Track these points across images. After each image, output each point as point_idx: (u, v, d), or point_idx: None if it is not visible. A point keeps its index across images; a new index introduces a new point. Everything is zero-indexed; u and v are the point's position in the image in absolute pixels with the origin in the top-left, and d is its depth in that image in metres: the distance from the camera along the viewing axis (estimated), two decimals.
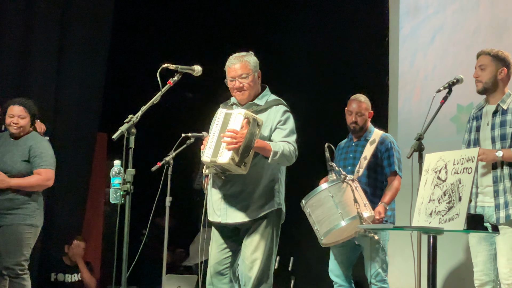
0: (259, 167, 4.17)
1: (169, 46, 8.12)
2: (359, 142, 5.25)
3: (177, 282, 6.11)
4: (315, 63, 7.61)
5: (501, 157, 4.20)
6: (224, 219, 4.22)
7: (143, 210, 6.52)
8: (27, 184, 5.30)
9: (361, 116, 5.22)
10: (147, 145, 6.05)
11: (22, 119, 5.40)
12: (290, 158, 4.17)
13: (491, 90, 4.40)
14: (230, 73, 4.26)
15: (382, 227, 4.71)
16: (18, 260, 5.24)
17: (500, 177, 4.25)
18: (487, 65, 4.39)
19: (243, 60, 4.25)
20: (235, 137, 3.96)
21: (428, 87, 6.46)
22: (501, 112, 4.33)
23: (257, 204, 4.19)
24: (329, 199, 4.56)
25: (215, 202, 4.26)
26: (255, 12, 8.11)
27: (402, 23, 6.90)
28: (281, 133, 4.20)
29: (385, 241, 5.08)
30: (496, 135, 4.31)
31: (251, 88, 4.26)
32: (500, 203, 4.23)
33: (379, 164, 5.15)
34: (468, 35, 6.29)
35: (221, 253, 4.29)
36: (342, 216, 4.52)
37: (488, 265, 4.34)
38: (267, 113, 4.25)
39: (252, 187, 4.18)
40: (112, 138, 3.76)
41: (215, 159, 4.02)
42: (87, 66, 7.66)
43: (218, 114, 4.17)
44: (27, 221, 5.28)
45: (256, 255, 4.18)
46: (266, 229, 4.20)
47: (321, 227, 4.60)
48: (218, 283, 4.28)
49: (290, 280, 6.63)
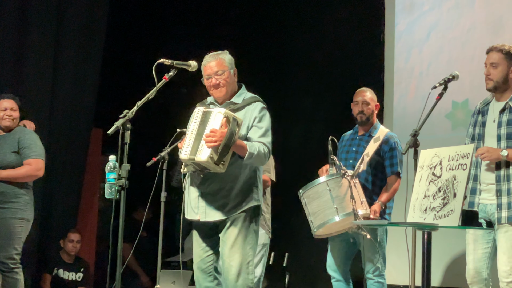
0: (237, 165, 4.17)
1: (164, 42, 8.12)
2: (363, 137, 5.22)
3: (172, 277, 6.11)
4: (310, 59, 7.61)
5: (506, 156, 4.17)
6: (203, 217, 4.21)
7: (138, 205, 6.51)
8: (17, 175, 5.31)
9: (367, 106, 5.20)
10: (142, 140, 6.05)
11: (14, 111, 5.47)
12: (264, 160, 4.21)
13: (501, 88, 4.35)
14: (206, 71, 4.28)
15: (377, 223, 4.71)
16: (10, 254, 5.24)
17: (504, 177, 4.22)
18: (499, 63, 4.33)
19: (218, 58, 4.28)
20: (214, 135, 3.97)
21: (423, 83, 6.47)
22: (509, 110, 4.29)
23: (235, 201, 4.19)
24: (326, 192, 4.57)
25: (193, 200, 4.25)
26: (251, 7, 8.10)
27: (397, 20, 6.90)
28: (257, 132, 4.22)
29: (383, 236, 5.07)
30: (502, 133, 4.27)
31: (227, 85, 4.27)
32: (502, 202, 4.20)
33: (380, 163, 5.12)
34: (463, 32, 6.30)
35: (203, 252, 4.29)
36: (337, 211, 4.52)
37: (482, 263, 4.34)
38: (244, 111, 4.26)
39: (231, 185, 4.19)
40: (107, 133, 3.76)
41: (193, 157, 4.02)
42: (82, 61, 7.65)
43: (196, 113, 4.17)
44: (18, 214, 5.29)
45: (234, 250, 4.17)
46: (244, 224, 4.20)
47: (315, 219, 4.62)
48: (203, 282, 4.29)
49: (285, 276, 6.63)
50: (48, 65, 7.27)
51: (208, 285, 4.28)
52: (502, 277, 4.23)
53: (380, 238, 5.03)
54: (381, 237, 5.04)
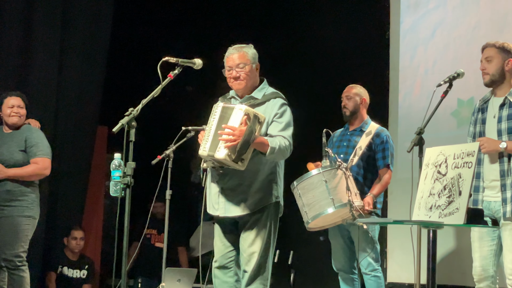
0: (257, 161, 4.17)
1: (169, 39, 8.12)
2: (354, 132, 5.27)
3: (177, 275, 6.12)
4: (315, 56, 7.60)
5: (505, 148, 4.16)
6: (223, 213, 4.22)
7: (143, 203, 6.53)
8: (24, 173, 5.33)
9: (350, 100, 5.27)
10: (147, 138, 6.06)
11: (21, 108, 5.48)
12: (286, 153, 4.20)
13: (498, 82, 4.35)
14: (228, 63, 4.28)
15: (382, 221, 4.71)
16: (17, 251, 5.26)
17: (508, 171, 4.20)
18: (493, 57, 4.35)
19: (242, 51, 4.28)
20: (233, 134, 3.96)
21: (428, 81, 6.46)
22: (509, 105, 4.28)
23: (255, 197, 4.19)
24: (322, 183, 4.51)
25: (213, 195, 4.26)
26: (255, 4, 8.10)
27: (402, 18, 6.90)
28: (278, 126, 4.21)
29: (374, 232, 5.08)
30: (503, 128, 4.26)
31: (248, 78, 4.26)
32: (507, 197, 4.19)
33: (372, 156, 5.17)
34: (468, 30, 6.29)
35: (225, 247, 4.31)
36: (333, 201, 4.46)
37: (488, 261, 4.34)
38: (265, 106, 4.26)
39: (250, 181, 4.19)
40: (113, 131, 3.76)
41: (212, 153, 4.02)
42: (88, 59, 7.65)
43: (216, 108, 4.17)
44: (25, 212, 5.31)
45: (253, 248, 4.19)
46: (264, 222, 4.21)
47: (310, 210, 4.54)
48: (223, 277, 4.30)
49: (289, 274, 6.63)
50: (53, 63, 7.28)
51: (227, 280, 4.29)
52: (508, 274, 4.23)
53: (372, 234, 5.04)
54: (372, 232, 5.05)
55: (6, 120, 5.48)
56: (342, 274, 5.22)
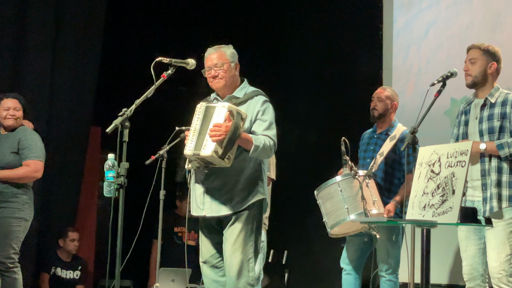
0: (241, 159, 4.17)
1: (163, 40, 8.11)
2: (380, 135, 5.24)
3: (171, 275, 6.11)
4: (308, 57, 7.60)
5: (484, 149, 4.19)
6: (209, 213, 4.21)
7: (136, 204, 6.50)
8: (15, 175, 5.31)
9: (380, 102, 5.24)
10: (141, 139, 6.05)
11: (18, 111, 5.46)
12: (269, 153, 4.20)
13: (480, 84, 4.37)
14: (207, 63, 4.30)
15: (376, 220, 4.71)
16: (8, 253, 5.24)
17: (488, 171, 4.23)
18: (477, 59, 4.37)
19: (219, 50, 4.30)
20: (219, 129, 3.96)
21: (421, 81, 6.47)
22: (489, 105, 4.31)
23: (240, 196, 4.19)
24: (338, 193, 4.64)
25: (198, 196, 4.25)
26: (249, 7, 8.09)
27: (395, 17, 6.91)
28: (262, 125, 4.22)
29: (398, 236, 5.04)
30: (484, 129, 4.29)
31: (226, 77, 4.26)
32: (487, 196, 4.21)
33: (397, 161, 5.11)
34: (461, 29, 6.30)
35: (212, 247, 4.30)
36: (348, 211, 4.59)
37: (477, 259, 4.33)
38: (247, 104, 4.26)
39: (235, 179, 4.18)
40: (106, 131, 3.76)
41: (198, 152, 4.02)
42: (81, 60, 7.63)
43: (198, 108, 4.18)
44: (16, 214, 5.29)
45: (235, 247, 4.17)
46: (247, 221, 4.19)
47: (329, 219, 4.71)
48: (214, 276, 4.29)
49: (284, 273, 6.63)
50: (46, 63, 7.26)
51: (218, 279, 4.29)
52: (492, 273, 4.23)
53: (396, 238, 5.02)
54: (396, 237, 5.03)
55: (2, 122, 5.46)
56: (346, 271, 5.19)
